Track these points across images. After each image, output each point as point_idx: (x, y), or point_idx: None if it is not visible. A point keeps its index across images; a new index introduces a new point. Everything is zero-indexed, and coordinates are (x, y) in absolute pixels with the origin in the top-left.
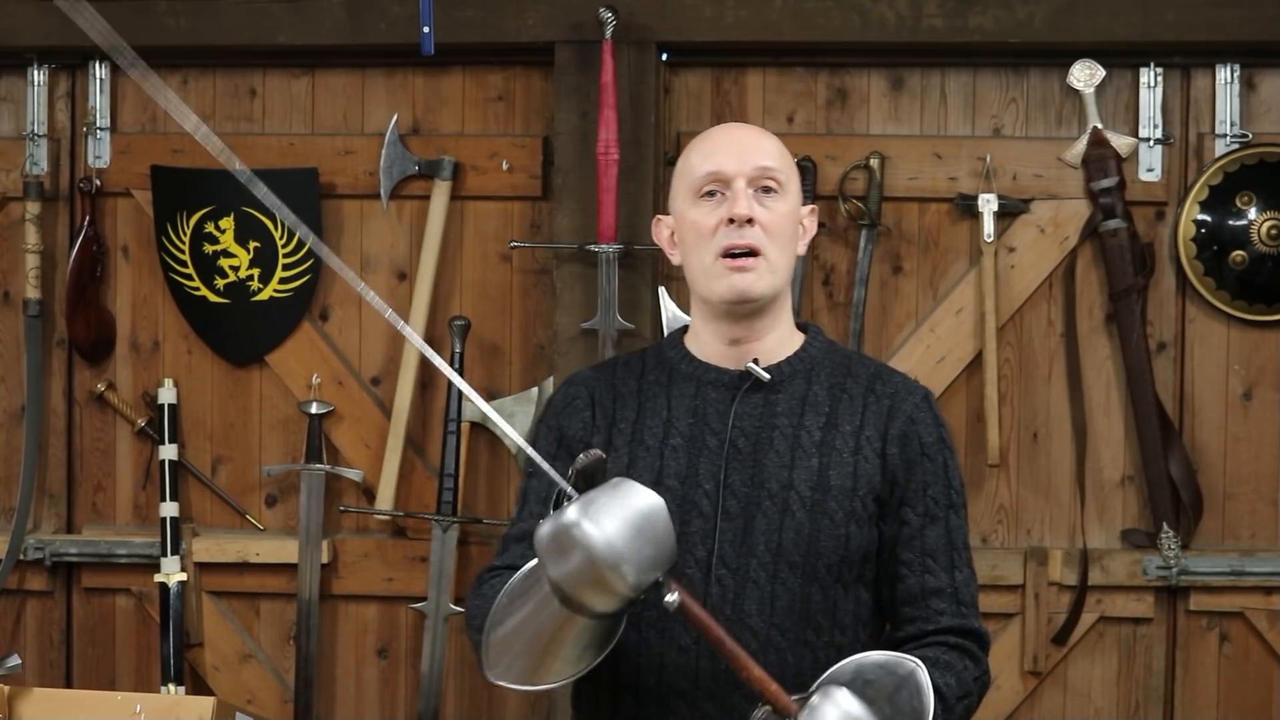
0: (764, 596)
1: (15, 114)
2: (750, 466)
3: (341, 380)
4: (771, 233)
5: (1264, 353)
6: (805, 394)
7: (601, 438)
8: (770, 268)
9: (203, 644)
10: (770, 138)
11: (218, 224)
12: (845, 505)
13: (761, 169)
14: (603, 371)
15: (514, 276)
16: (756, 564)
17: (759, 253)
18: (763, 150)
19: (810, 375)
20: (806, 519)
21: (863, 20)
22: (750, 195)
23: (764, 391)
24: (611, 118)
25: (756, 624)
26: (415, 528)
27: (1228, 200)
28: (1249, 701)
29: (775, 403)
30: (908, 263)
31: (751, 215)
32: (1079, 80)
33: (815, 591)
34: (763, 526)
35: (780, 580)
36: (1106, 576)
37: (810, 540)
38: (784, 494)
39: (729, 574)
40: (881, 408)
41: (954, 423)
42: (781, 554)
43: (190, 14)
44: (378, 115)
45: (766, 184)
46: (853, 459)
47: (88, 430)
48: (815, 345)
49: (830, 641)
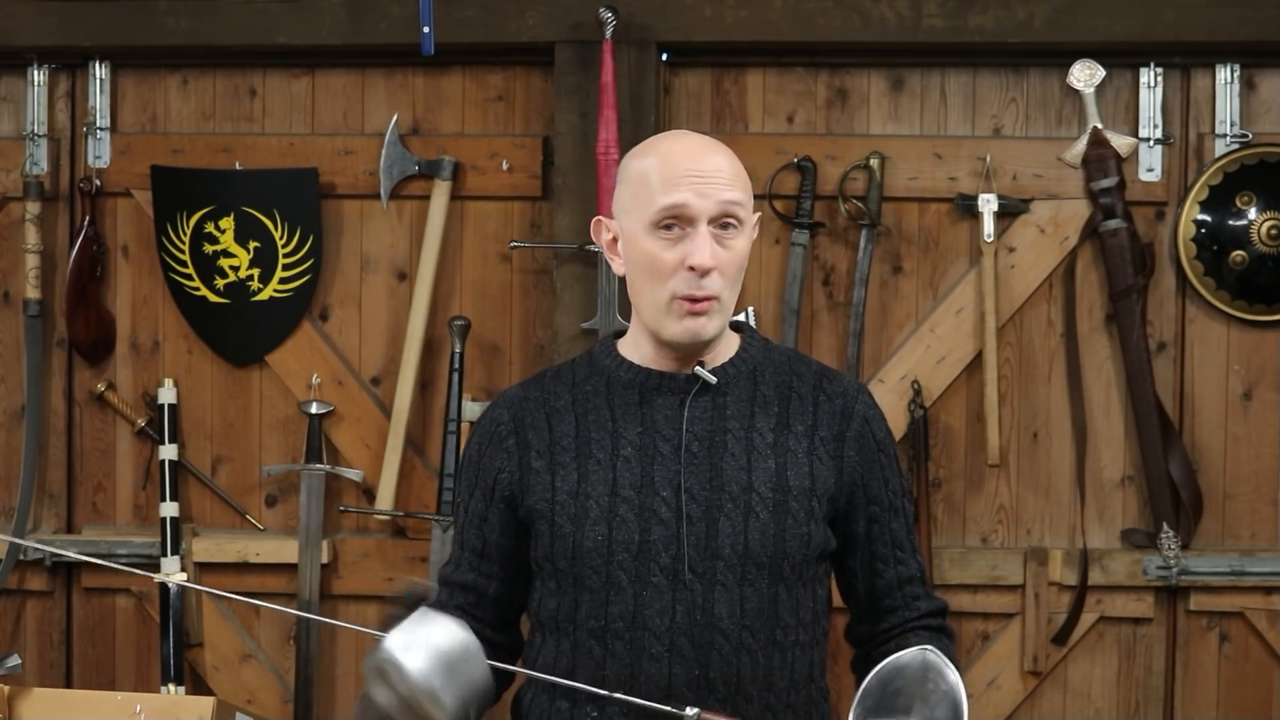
0: (733, 599)
1: (15, 114)
2: (707, 470)
3: (341, 380)
4: (728, 274)
5: (1264, 353)
6: (753, 395)
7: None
8: (723, 308)
9: (203, 644)
10: (729, 159)
11: (218, 224)
12: (805, 505)
13: (724, 205)
14: (530, 388)
15: (514, 276)
16: (724, 566)
17: (715, 299)
18: (725, 181)
19: (755, 376)
20: (771, 519)
21: (863, 20)
22: (711, 238)
23: (711, 394)
24: (611, 118)
25: (728, 626)
26: (415, 528)
27: (1228, 200)
28: (1249, 701)
29: (724, 405)
30: (908, 263)
31: (714, 265)
32: (1079, 80)
33: (782, 591)
34: (727, 529)
35: (749, 582)
36: (1106, 576)
37: (776, 540)
38: (745, 496)
39: (696, 578)
40: (834, 408)
41: (954, 423)
42: (749, 555)
43: (190, 14)
44: (378, 115)
45: (727, 221)
46: (808, 459)
47: (88, 430)
48: (754, 345)
49: (796, 640)
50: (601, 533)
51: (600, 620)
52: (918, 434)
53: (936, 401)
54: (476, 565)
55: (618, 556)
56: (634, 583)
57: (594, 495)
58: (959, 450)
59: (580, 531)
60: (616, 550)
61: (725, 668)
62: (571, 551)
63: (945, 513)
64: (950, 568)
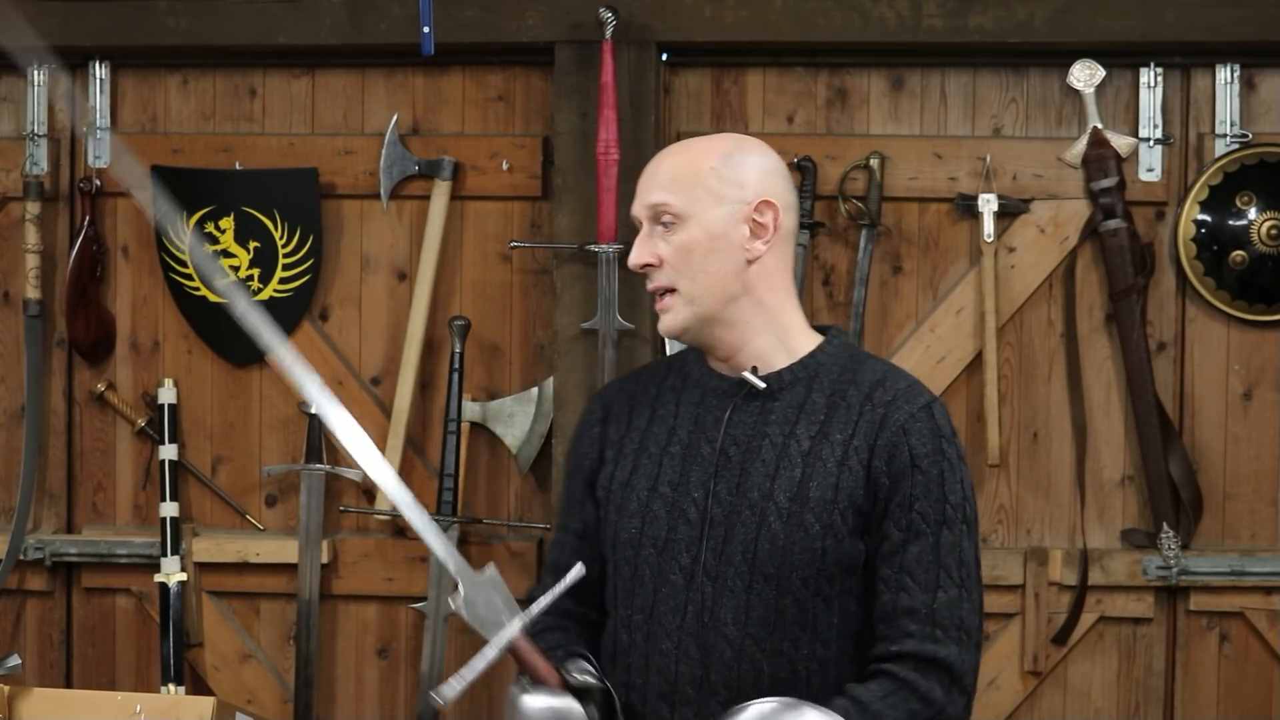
0: (739, 605)
1: (15, 114)
2: (737, 475)
3: (341, 380)
4: (678, 266)
5: (1264, 353)
6: (803, 402)
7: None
8: (686, 299)
9: (203, 644)
10: (673, 160)
11: (218, 224)
12: (823, 518)
13: (653, 207)
14: (630, 379)
15: (514, 276)
16: (734, 573)
17: (673, 289)
18: (657, 183)
19: (812, 382)
20: (782, 531)
21: (863, 20)
22: (650, 236)
23: (762, 399)
24: (611, 118)
25: (731, 632)
26: None
27: (1228, 200)
28: (1249, 701)
29: (770, 411)
30: (908, 263)
31: (644, 262)
32: (1079, 80)
33: (790, 604)
34: (741, 536)
35: (755, 591)
36: (1106, 576)
37: (784, 552)
38: (763, 504)
39: (709, 581)
40: (875, 417)
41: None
42: (756, 565)
43: (190, 14)
44: (378, 115)
45: (663, 219)
46: (837, 470)
47: (88, 430)
48: (828, 350)
49: (811, 654)
50: (635, 525)
51: (627, 610)
52: None
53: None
54: (578, 548)
55: (645, 551)
56: (655, 578)
57: (637, 489)
58: None
59: (621, 521)
60: (645, 545)
61: (726, 672)
62: (612, 540)
63: None
64: None
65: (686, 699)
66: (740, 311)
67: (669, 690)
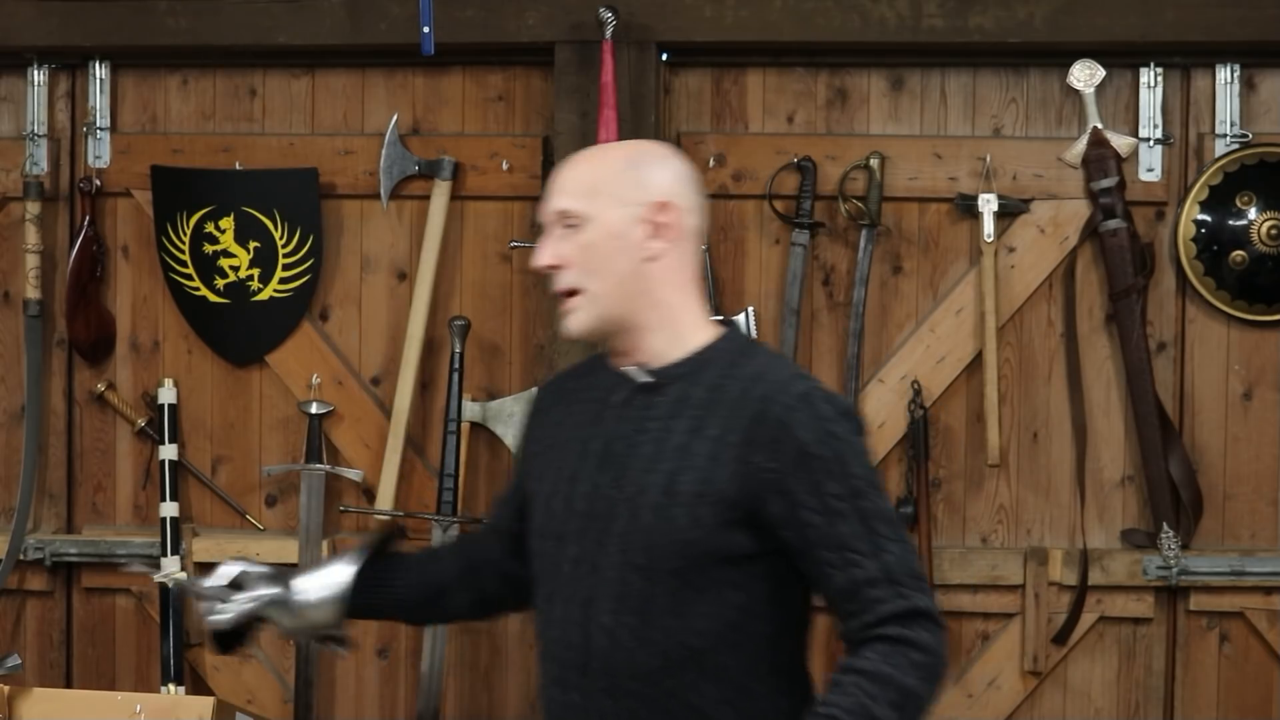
0: (615, 595)
1: (15, 114)
2: (620, 469)
3: (341, 380)
4: (581, 266)
5: (1264, 353)
6: (685, 396)
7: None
8: (592, 299)
9: (203, 644)
10: (577, 167)
11: (218, 224)
12: (690, 512)
13: (557, 212)
14: (568, 374)
15: (514, 276)
16: (609, 564)
17: (577, 290)
18: (561, 189)
19: (696, 377)
20: (652, 523)
21: (863, 20)
22: (554, 240)
23: (648, 394)
24: (611, 118)
25: (607, 620)
26: (415, 528)
27: (1228, 200)
28: (1249, 701)
29: (655, 405)
30: (908, 263)
31: (547, 263)
32: (1079, 80)
33: (660, 593)
34: (617, 529)
35: (628, 581)
36: (1106, 576)
37: (652, 544)
38: (637, 497)
39: (590, 572)
40: (750, 411)
41: (954, 423)
42: (629, 556)
43: (190, 14)
44: (378, 115)
45: (566, 223)
46: (708, 464)
47: (88, 430)
48: (718, 346)
49: (681, 642)
50: (541, 519)
51: (537, 598)
52: (918, 434)
53: (936, 401)
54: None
55: (547, 543)
56: (552, 568)
57: (545, 484)
58: (959, 450)
59: (534, 516)
60: (547, 537)
61: (604, 658)
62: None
63: (945, 513)
64: (950, 568)
65: (573, 683)
66: (639, 310)
67: (559, 674)
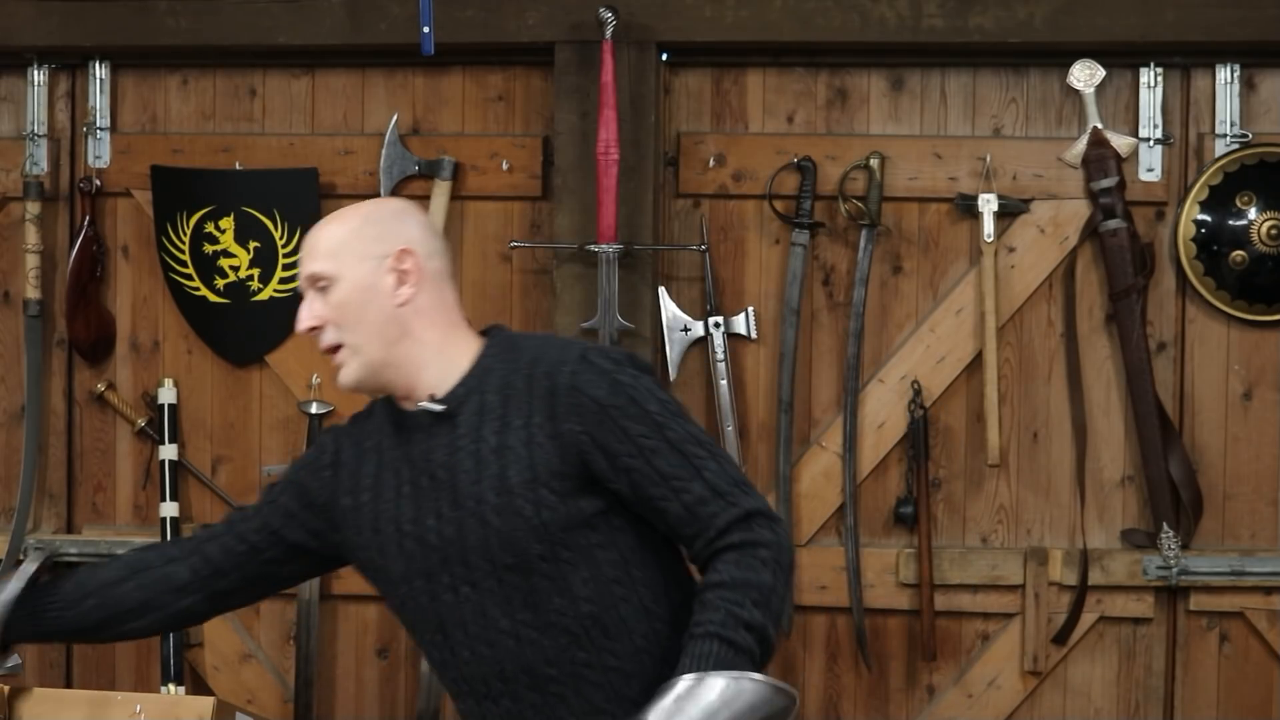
0: (500, 600)
1: (15, 114)
2: (450, 492)
3: None
4: (338, 322)
5: (1264, 353)
6: (481, 406)
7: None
8: (354, 350)
9: (203, 644)
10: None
11: (218, 224)
12: (530, 497)
13: (309, 277)
14: (354, 425)
15: (514, 276)
16: (482, 575)
17: (340, 345)
18: (311, 255)
19: (483, 386)
20: (503, 524)
21: (863, 20)
22: (311, 303)
23: (448, 420)
24: (611, 118)
25: (505, 625)
26: None
27: (1228, 200)
28: (1249, 701)
29: (457, 426)
30: (908, 263)
31: (307, 325)
32: (1079, 80)
33: (539, 581)
34: (474, 542)
35: (506, 582)
36: (1106, 576)
37: (511, 541)
38: (478, 508)
39: (471, 590)
40: (542, 390)
41: (954, 423)
42: (496, 560)
43: (190, 14)
44: (378, 115)
45: (319, 285)
46: (527, 451)
47: (88, 430)
48: (489, 353)
49: (578, 613)
50: (400, 566)
51: (424, 636)
52: (918, 434)
53: (936, 401)
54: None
55: (416, 583)
56: (432, 603)
57: (387, 535)
58: (959, 450)
59: (386, 565)
60: (414, 578)
61: (517, 659)
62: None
63: (945, 513)
64: (950, 568)
65: (499, 692)
66: (404, 352)
67: (483, 690)
